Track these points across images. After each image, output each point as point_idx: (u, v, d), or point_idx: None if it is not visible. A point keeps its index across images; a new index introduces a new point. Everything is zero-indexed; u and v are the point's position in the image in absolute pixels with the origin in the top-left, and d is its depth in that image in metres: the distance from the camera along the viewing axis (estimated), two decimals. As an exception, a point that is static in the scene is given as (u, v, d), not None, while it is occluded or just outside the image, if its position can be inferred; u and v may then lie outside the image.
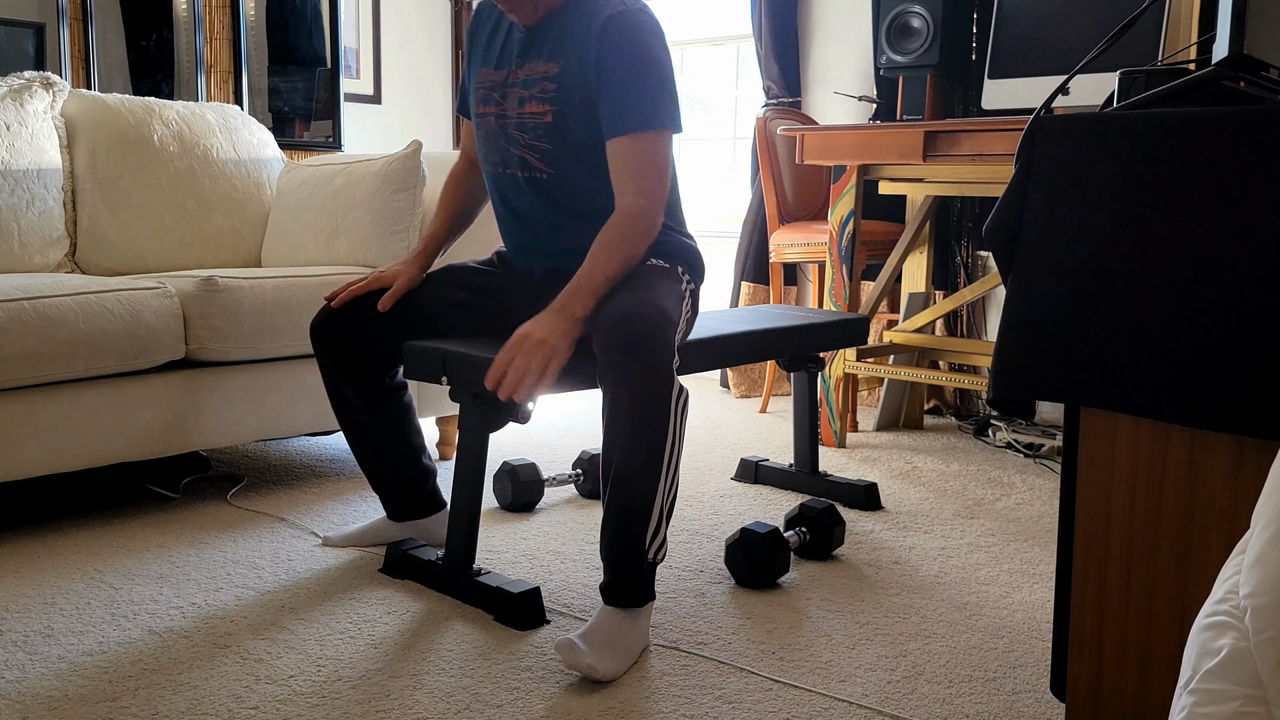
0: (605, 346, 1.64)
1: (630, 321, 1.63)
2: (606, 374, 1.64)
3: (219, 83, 4.18)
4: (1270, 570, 0.67)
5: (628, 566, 1.68)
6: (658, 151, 1.82)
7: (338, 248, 2.81)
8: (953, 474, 2.85)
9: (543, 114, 1.88)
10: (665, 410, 1.63)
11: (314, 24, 4.49)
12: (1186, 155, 1.17)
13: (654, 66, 1.82)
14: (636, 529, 1.66)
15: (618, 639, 1.66)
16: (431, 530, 2.19)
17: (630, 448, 1.64)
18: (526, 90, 1.90)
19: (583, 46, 1.83)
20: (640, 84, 1.80)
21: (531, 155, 1.92)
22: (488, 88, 1.97)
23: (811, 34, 3.96)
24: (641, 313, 1.65)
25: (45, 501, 2.47)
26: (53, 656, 1.65)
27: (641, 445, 1.63)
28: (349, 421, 2.08)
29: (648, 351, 1.62)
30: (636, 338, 1.62)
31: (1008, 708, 1.54)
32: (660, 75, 1.83)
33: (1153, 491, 1.25)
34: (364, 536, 2.19)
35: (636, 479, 1.64)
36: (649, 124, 1.81)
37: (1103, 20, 2.83)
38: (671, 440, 1.66)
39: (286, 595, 1.92)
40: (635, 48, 1.81)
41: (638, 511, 1.66)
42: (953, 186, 3.20)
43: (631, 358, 1.62)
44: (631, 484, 1.65)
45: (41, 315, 2.12)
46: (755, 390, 3.97)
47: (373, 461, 2.10)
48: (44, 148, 2.74)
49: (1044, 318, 1.27)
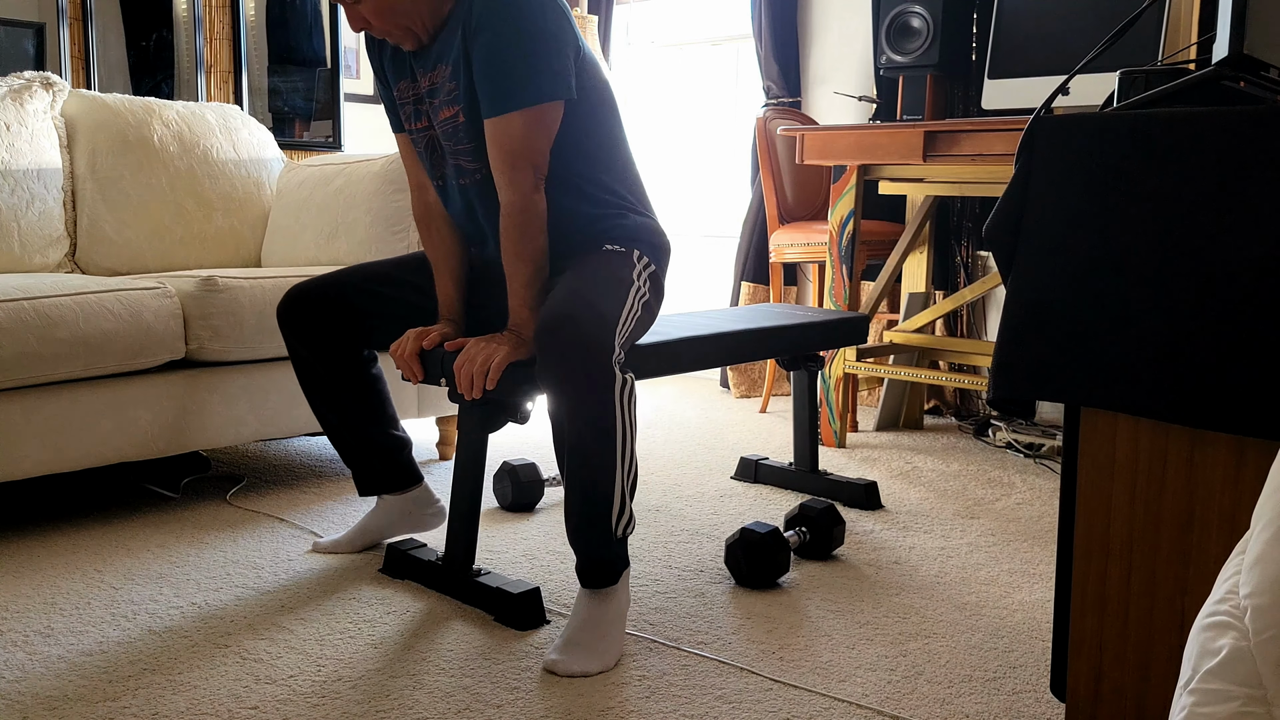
0: (542, 348, 1.66)
1: (564, 324, 1.64)
2: (544, 375, 1.67)
3: (219, 83, 4.18)
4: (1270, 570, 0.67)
5: (599, 551, 1.71)
6: (521, 134, 1.76)
7: (338, 248, 2.81)
8: (953, 474, 2.85)
9: (454, 115, 1.84)
10: (610, 407, 1.66)
11: (314, 24, 4.49)
12: (1186, 155, 1.17)
13: (518, 38, 1.73)
14: (601, 516, 1.69)
15: (601, 625, 1.69)
16: (409, 508, 2.17)
17: (581, 446, 1.67)
18: (436, 98, 1.86)
19: (463, 35, 1.78)
20: (501, 62, 1.74)
21: (463, 160, 1.88)
22: (413, 101, 1.92)
23: (811, 34, 3.96)
24: (575, 314, 1.66)
25: (45, 501, 2.47)
26: (53, 656, 1.65)
27: (592, 442, 1.66)
28: (318, 392, 2.07)
29: (583, 354, 1.64)
30: (571, 341, 1.64)
31: (1008, 708, 1.54)
32: (525, 45, 1.73)
33: (1153, 491, 1.25)
34: (354, 540, 2.16)
35: (593, 472, 1.67)
36: (506, 104, 1.74)
37: (1103, 20, 2.83)
38: (621, 431, 1.68)
39: (286, 595, 1.92)
40: (499, 24, 1.72)
41: (600, 499, 1.69)
42: (953, 186, 3.20)
43: (568, 362, 1.64)
44: (589, 478, 1.68)
45: (41, 315, 2.12)
46: (755, 390, 3.97)
47: (343, 431, 2.09)
48: (44, 148, 2.74)
49: (1044, 318, 1.27)
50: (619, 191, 1.92)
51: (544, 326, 1.66)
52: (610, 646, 1.68)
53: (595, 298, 1.73)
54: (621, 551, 1.74)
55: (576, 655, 1.65)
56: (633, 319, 1.81)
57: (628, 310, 1.80)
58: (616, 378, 1.67)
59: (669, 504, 2.52)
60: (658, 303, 1.96)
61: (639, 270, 1.87)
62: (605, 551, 1.72)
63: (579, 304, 1.69)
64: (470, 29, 1.75)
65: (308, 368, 2.06)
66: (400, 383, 2.71)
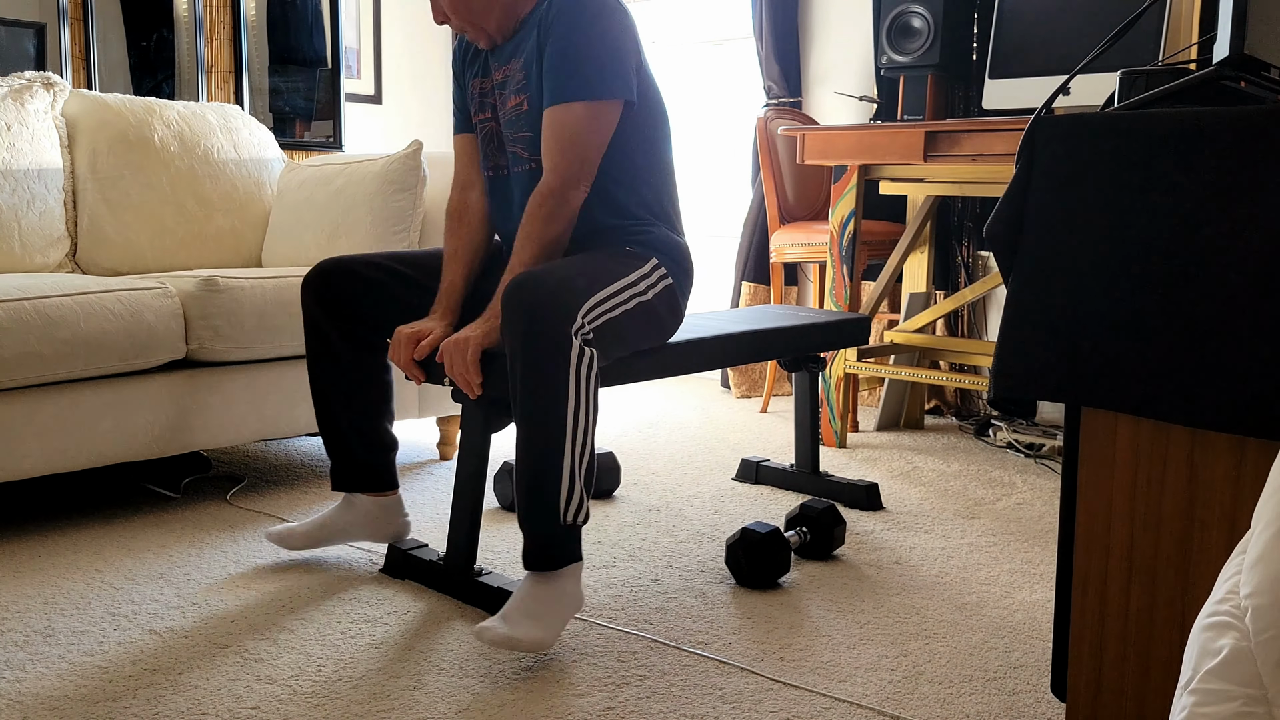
0: (504, 305, 1.65)
1: (527, 283, 1.64)
2: (504, 331, 1.66)
3: (220, 83, 4.18)
4: (1271, 570, 0.67)
5: (543, 528, 1.67)
6: (579, 124, 1.81)
7: (338, 248, 2.81)
8: (953, 474, 2.85)
9: (520, 104, 1.91)
10: (563, 373, 1.63)
11: (314, 24, 4.49)
12: (1187, 155, 1.17)
13: (591, 37, 1.81)
14: (549, 490, 1.65)
15: (539, 605, 1.65)
16: (377, 513, 2.07)
17: (529, 411, 1.64)
18: (505, 89, 1.93)
19: (538, 33, 1.87)
20: (574, 55, 1.81)
21: (519, 148, 1.94)
22: (481, 95, 2.00)
23: (812, 34, 3.96)
24: (545, 277, 1.65)
25: (45, 501, 2.47)
26: (53, 656, 1.65)
27: (540, 408, 1.63)
28: (326, 368, 2.01)
29: (541, 314, 1.61)
30: (531, 302, 1.62)
31: (1008, 708, 1.54)
32: (595, 45, 1.81)
33: (1153, 491, 1.25)
34: (310, 534, 2.05)
35: (540, 441, 1.64)
36: (570, 94, 1.80)
37: (1103, 20, 2.83)
38: (575, 403, 1.64)
39: (286, 595, 1.92)
40: (573, 24, 1.82)
41: (546, 472, 1.65)
42: (953, 186, 3.20)
43: (525, 319, 1.62)
44: (535, 446, 1.64)
45: (42, 315, 2.12)
46: (756, 390, 3.97)
47: (339, 416, 2.02)
48: (45, 148, 2.74)
49: (1045, 318, 1.27)
50: (653, 206, 1.95)
51: (509, 287, 1.66)
52: (547, 621, 1.63)
53: (573, 271, 1.71)
54: (569, 539, 1.69)
55: (508, 622, 1.61)
56: (619, 309, 1.77)
57: (612, 295, 1.76)
58: (573, 345, 1.64)
59: (669, 504, 2.52)
60: (670, 318, 1.94)
61: (648, 273, 1.86)
62: (548, 530, 1.67)
63: (552, 270, 1.69)
64: (545, 27, 1.84)
65: (326, 343, 2.00)
66: (402, 383, 2.71)
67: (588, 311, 1.69)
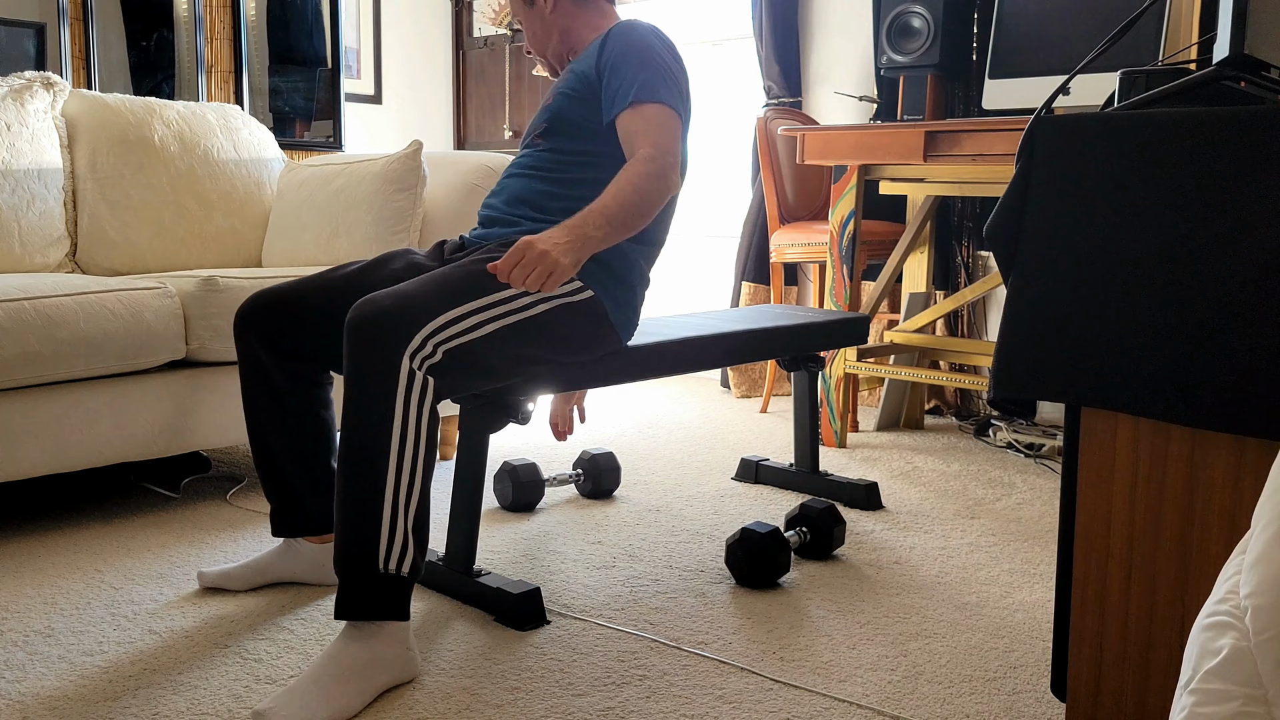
0: (347, 323, 1.56)
1: (373, 299, 1.56)
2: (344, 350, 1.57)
3: (219, 83, 4.18)
4: (1271, 570, 0.67)
5: (356, 573, 1.52)
6: (666, 121, 1.84)
7: (338, 248, 2.81)
8: (953, 474, 2.85)
9: (549, 102, 1.98)
10: (389, 399, 1.51)
11: (314, 24, 4.49)
12: (1186, 155, 1.17)
13: (655, 58, 1.87)
14: (364, 529, 1.51)
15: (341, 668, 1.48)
16: (322, 559, 1.94)
17: (349, 434, 1.53)
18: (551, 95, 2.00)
19: (591, 53, 1.95)
20: (640, 66, 1.86)
21: (535, 137, 1.99)
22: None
23: (812, 34, 3.96)
24: (389, 295, 1.57)
25: (45, 501, 2.47)
26: (53, 656, 1.65)
27: (359, 434, 1.51)
28: (266, 408, 1.84)
29: (372, 333, 1.52)
30: (365, 316, 1.53)
31: (1008, 708, 1.54)
32: (661, 66, 1.87)
33: (1153, 491, 1.25)
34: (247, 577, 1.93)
35: (357, 471, 1.52)
36: (651, 96, 1.84)
37: (1103, 20, 2.83)
38: (401, 434, 1.52)
39: (286, 595, 1.92)
40: (635, 43, 1.88)
41: (362, 508, 1.51)
42: (953, 186, 3.20)
43: (358, 336, 1.53)
44: (351, 476, 1.52)
45: (42, 315, 2.12)
46: (756, 390, 3.97)
47: (283, 460, 1.86)
48: (44, 148, 2.74)
49: (1044, 318, 1.27)
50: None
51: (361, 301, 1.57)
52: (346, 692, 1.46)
53: (422, 288, 1.61)
54: (390, 590, 1.52)
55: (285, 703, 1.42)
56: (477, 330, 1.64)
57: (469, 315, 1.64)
58: (401, 372, 1.52)
59: (669, 504, 2.52)
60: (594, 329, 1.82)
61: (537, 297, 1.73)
62: (360, 576, 1.51)
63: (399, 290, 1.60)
64: (604, 43, 1.91)
65: (263, 380, 1.84)
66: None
67: (433, 333, 1.58)
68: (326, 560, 1.95)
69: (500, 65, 5.01)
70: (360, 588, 1.52)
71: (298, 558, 1.94)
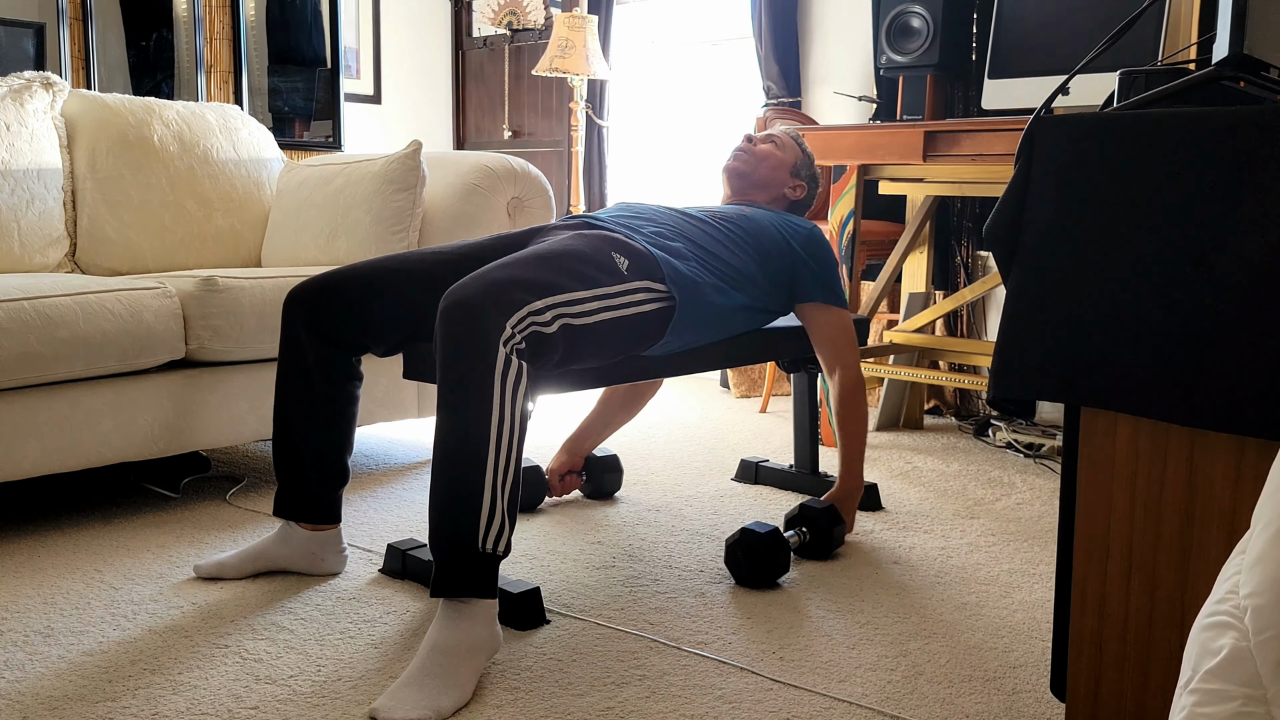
0: (441, 311, 1.60)
1: (457, 289, 1.60)
2: (435, 339, 1.61)
3: (219, 83, 4.18)
4: (1270, 570, 0.67)
5: (457, 552, 1.55)
6: (847, 325, 2.27)
7: (338, 248, 2.81)
8: (953, 474, 2.85)
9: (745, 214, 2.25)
10: (487, 386, 1.55)
11: (314, 24, 4.49)
12: (1186, 155, 1.17)
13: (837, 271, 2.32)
14: (466, 512, 1.55)
15: (444, 660, 1.52)
16: (314, 548, 1.99)
17: (450, 424, 1.56)
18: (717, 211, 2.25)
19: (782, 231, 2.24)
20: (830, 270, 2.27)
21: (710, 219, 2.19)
22: None
23: (811, 34, 3.96)
24: (477, 281, 1.61)
25: (45, 501, 2.47)
26: (53, 656, 1.65)
27: (461, 421, 1.55)
28: (296, 390, 1.92)
29: (466, 322, 1.56)
30: (458, 305, 1.57)
31: (1008, 708, 1.54)
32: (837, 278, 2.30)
33: (1153, 491, 1.25)
34: (242, 565, 1.98)
35: (458, 457, 1.55)
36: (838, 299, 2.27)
37: (1103, 20, 2.83)
38: (500, 419, 1.56)
39: (286, 595, 1.92)
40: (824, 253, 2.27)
41: (464, 492, 1.55)
42: (953, 186, 3.20)
43: (450, 326, 1.57)
44: (453, 463, 1.56)
45: (41, 315, 2.12)
46: (755, 390, 3.97)
47: (301, 442, 1.93)
48: (44, 148, 2.74)
49: (1044, 318, 1.27)
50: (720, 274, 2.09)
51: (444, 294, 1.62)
52: (456, 683, 1.50)
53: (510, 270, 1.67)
54: (486, 568, 1.56)
55: (405, 696, 1.46)
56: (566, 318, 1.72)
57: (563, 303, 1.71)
58: (497, 358, 1.56)
59: (669, 504, 2.52)
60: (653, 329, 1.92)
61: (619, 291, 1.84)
62: (461, 556, 1.55)
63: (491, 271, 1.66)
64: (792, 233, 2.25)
65: (300, 365, 1.92)
66: (399, 382, 2.72)
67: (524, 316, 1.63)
68: (318, 549, 1.99)
69: (500, 65, 5.01)
70: (459, 566, 1.56)
71: (290, 544, 1.98)
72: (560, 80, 4.68)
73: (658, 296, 1.91)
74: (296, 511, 1.97)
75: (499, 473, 1.57)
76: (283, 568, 2.00)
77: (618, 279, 1.83)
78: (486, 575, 1.57)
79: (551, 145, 4.82)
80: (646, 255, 1.93)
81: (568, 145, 4.52)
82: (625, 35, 4.63)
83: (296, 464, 1.95)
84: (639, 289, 1.87)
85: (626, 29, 4.63)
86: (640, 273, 1.89)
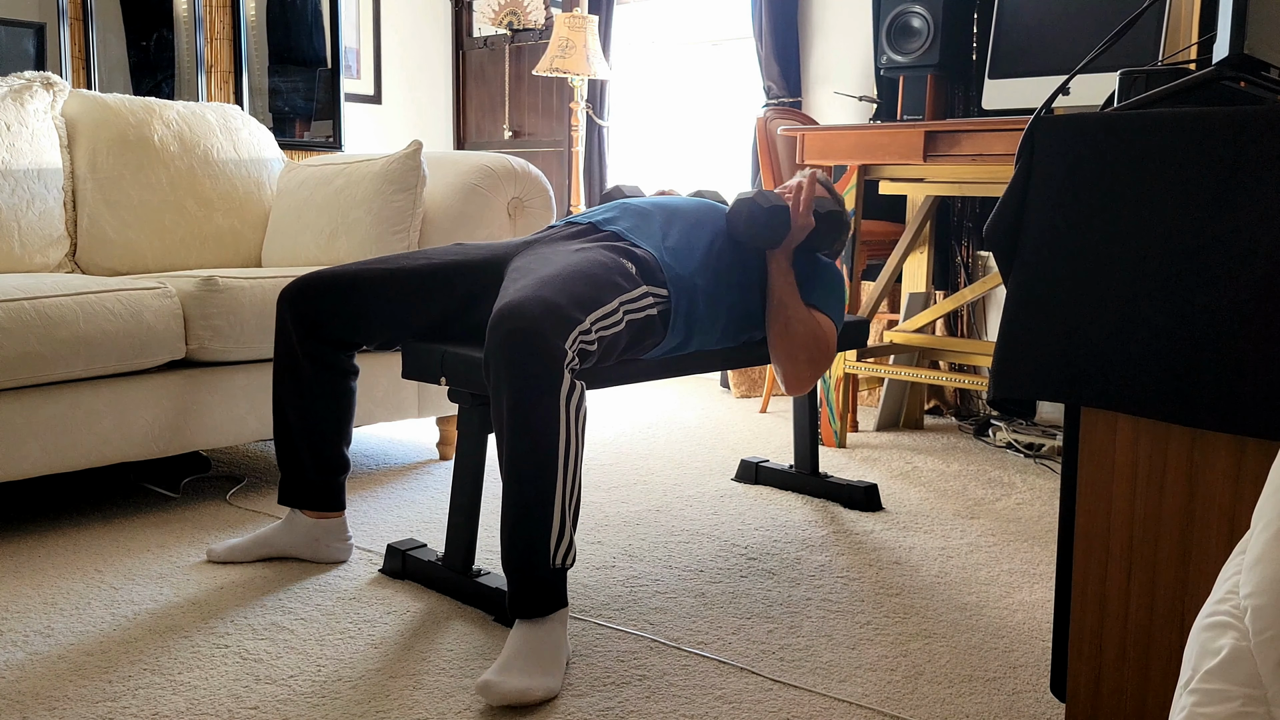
0: (490, 336, 1.61)
1: (515, 311, 1.61)
2: (488, 365, 1.62)
3: (219, 83, 4.18)
4: (1270, 570, 0.67)
5: (532, 573, 1.60)
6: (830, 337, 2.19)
7: (338, 248, 2.81)
8: (953, 474, 2.85)
9: None
10: (553, 408, 1.58)
11: (314, 24, 4.49)
12: (1186, 155, 1.17)
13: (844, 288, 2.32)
14: (538, 534, 1.59)
15: (538, 653, 1.57)
16: (318, 535, 2.06)
17: (519, 449, 1.58)
18: None
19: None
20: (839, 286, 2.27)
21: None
22: None
23: (812, 34, 3.96)
24: (527, 301, 1.62)
25: (45, 501, 2.47)
26: (53, 656, 1.65)
27: (530, 446, 1.58)
28: (288, 383, 1.99)
29: (531, 349, 1.58)
30: (520, 331, 1.58)
31: (1008, 708, 1.54)
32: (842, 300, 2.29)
33: (1153, 491, 1.25)
34: (250, 550, 2.06)
35: (530, 482, 1.58)
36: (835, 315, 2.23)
37: (1103, 20, 2.83)
38: (566, 439, 1.60)
39: (287, 595, 1.92)
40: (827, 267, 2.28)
41: (536, 516, 1.59)
42: (953, 186, 3.20)
43: (514, 352, 1.58)
44: (525, 487, 1.59)
45: (42, 315, 2.12)
46: (755, 390, 3.97)
47: (295, 432, 2.00)
48: (44, 148, 2.74)
49: (1044, 318, 1.27)
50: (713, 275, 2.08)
51: (500, 311, 1.62)
52: (550, 668, 1.56)
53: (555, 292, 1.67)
54: (557, 584, 1.62)
55: (513, 674, 1.53)
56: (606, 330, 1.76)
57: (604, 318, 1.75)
58: (561, 379, 1.60)
59: (669, 504, 2.52)
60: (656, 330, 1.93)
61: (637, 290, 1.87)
62: (536, 577, 1.60)
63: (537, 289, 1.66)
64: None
65: (292, 359, 1.98)
66: (399, 382, 2.71)
67: (576, 337, 1.65)
68: (321, 536, 2.07)
69: (500, 65, 5.01)
70: (534, 586, 1.60)
71: (295, 531, 2.06)
72: (561, 80, 4.68)
73: (660, 300, 1.93)
74: (299, 499, 2.05)
75: (566, 492, 1.61)
76: (288, 554, 2.08)
77: (633, 284, 1.87)
78: (559, 589, 1.63)
79: (552, 145, 4.82)
80: (648, 259, 1.95)
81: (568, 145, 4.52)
82: (625, 35, 4.63)
83: (293, 453, 2.03)
84: (646, 294, 1.90)
85: (627, 29, 4.63)
86: (646, 277, 1.92)
